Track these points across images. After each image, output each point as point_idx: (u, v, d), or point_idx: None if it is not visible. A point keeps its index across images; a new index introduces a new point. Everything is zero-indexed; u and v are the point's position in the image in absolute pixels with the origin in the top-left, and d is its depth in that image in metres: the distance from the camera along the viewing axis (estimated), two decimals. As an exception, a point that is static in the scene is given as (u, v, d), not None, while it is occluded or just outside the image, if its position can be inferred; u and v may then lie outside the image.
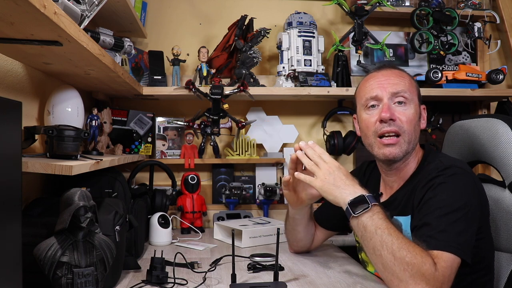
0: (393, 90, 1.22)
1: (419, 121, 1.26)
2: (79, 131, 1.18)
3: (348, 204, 1.09)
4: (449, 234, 1.03)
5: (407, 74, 1.30)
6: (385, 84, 1.24)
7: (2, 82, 1.20)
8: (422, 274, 0.97)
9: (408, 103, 1.23)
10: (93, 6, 1.19)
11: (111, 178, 1.54)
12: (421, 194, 1.14)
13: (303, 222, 1.43)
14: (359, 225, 1.08)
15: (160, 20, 2.24)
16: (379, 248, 1.02)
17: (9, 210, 0.84)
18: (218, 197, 2.19)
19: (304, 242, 1.51)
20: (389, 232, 1.03)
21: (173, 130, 2.15)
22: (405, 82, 1.25)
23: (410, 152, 1.23)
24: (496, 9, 2.32)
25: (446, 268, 0.99)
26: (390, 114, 1.20)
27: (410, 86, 1.25)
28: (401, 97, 1.22)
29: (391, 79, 1.25)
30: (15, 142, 0.86)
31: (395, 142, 1.21)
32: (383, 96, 1.23)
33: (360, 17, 2.12)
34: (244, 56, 2.04)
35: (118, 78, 1.50)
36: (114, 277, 1.22)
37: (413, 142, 1.23)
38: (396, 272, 0.99)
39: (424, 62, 2.35)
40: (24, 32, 0.95)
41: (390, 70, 1.28)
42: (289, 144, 2.25)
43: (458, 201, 1.07)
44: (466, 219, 1.06)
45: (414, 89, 1.26)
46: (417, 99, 1.26)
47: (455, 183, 1.11)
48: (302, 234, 1.48)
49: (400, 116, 1.21)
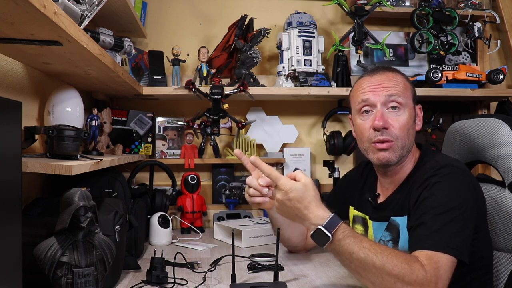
0: (387, 95, 1.21)
1: (414, 124, 1.24)
2: (79, 131, 1.19)
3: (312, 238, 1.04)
4: (444, 234, 1.03)
5: (402, 75, 1.27)
6: (378, 89, 1.22)
7: (2, 82, 1.20)
8: (414, 280, 0.96)
9: (402, 108, 1.21)
10: (93, 6, 1.19)
11: (111, 178, 1.54)
12: (417, 194, 1.14)
13: (282, 220, 1.39)
14: (333, 253, 1.05)
15: (160, 20, 2.24)
16: (363, 269, 1.00)
17: (9, 210, 0.84)
18: (218, 197, 2.19)
19: (294, 241, 1.49)
20: (364, 252, 0.99)
21: (173, 130, 2.15)
22: (399, 86, 1.22)
23: (405, 156, 1.23)
24: (496, 9, 2.32)
25: (437, 268, 0.98)
26: (383, 122, 1.19)
27: (404, 89, 1.23)
28: (395, 102, 1.20)
29: (385, 83, 1.23)
30: (15, 142, 0.86)
31: (388, 147, 1.20)
32: (376, 102, 1.21)
33: (360, 17, 2.12)
34: (244, 56, 2.04)
35: (118, 78, 1.50)
36: (114, 277, 1.22)
37: (407, 146, 1.22)
38: (388, 287, 0.98)
39: (424, 62, 2.35)
40: (24, 32, 0.95)
41: (384, 73, 1.26)
42: (289, 144, 2.25)
43: (454, 201, 1.07)
44: (462, 218, 1.05)
45: (409, 92, 1.24)
46: (411, 102, 1.24)
47: (450, 182, 1.11)
48: (289, 233, 1.46)
49: (393, 123, 1.20)
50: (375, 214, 1.29)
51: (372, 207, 1.31)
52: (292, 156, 2.22)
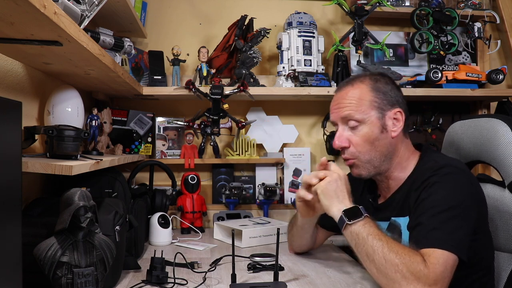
0: (342, 116, 1.24)
1: (382, 133, 1.21)
2: (79, 131, 1.19)
3: (343, 212, 1.12)
4: (441, 231, 1.03)
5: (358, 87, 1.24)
6: (336, 109, 1.26)
7: (2, 82, 1.20)
8: (413, 273, 0.97)
9: (360, 124, 1.21)
10: (93, 6, 1.19)
11: (111, 178, 1.54)
12: (417, 194, 1.14)
13: (310, 230, 1.45)
14: (352, 233, 1.09)
15: (160, 20, 2.24)
16: (371, 253, 1.04)
17: (9, 210, 0.84)
18: (218, 197, 2.19)
19: (308, 245, 1.53)
20: (380, 238, 1.05)
21: (173, 130, 2.15)
22: (352, 103, 1.22)
23: (381, 165, 1.23)
24: (496, 9, 2.32)
25: (438, 265, 0.99)
26: (340, 142, 1.23)
27: (359, 104, 1.21)
28: (351, 120, 1.22)
29: (341, 103, 1.25)
30: (15, 142, 0.86)
31: (351, 164, 1.26)
32: (337, 121, 1.26)
33: (360, 17, 2.12)
34: (244, 56, 2.04)
35: (118, 78, 1.50)
36: (114, 277, 1.22)
37: (377, 157, 1.22)
38: (389, 275, 1.00)
39: (424, 62, 2.35)
40: (24, 32, 0.95)
41: (343, 89, 1.27)
42: (289, 144, 2.25)
43: (452, 200, 1.07)
44: (460, 217, 1.06)
45: (366, 104, 1.21)
46: (375, 113, 1.21)
47: (449, 182, 1.11)
48: (308, 240, 1.50)
49: (352, 141, 1.22)
50: (376, 214, 1.29)
51: (373, 207, 1.32)
52: (292, 156, 2.22)
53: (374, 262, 1.03)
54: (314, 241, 1.52)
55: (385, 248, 1.02)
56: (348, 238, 1.12)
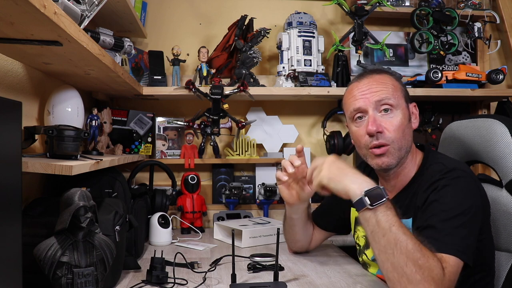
0: (377, 99, 1.20)
1: (409, 123, 1.23)
2: (79, 131, 1.19)
3: (365, 194, 1.03)
4: (455, 238, 1.03)
5: (390, 76, 1.26)
6: (367, 94, 1.21)
7: (2, 82, 1.20)
8: (432, 278, 0.96)
9: (394, 109, 1.20)
10: (93, 6, 1.19)
11: (111, 178, 1.54)
12: (425, 196, 1.13)
13: (300, 222, 1.43)
14: (371, 219, 1.02)
15: (160, 20, 2.24)
16: (392, 247, 0.99)
17: (9, 210, 0.84)
18: (218, 197, 2.19)
19: (302, 243, 1.51)
20: (404, 231, 0.99)
21: (173, 130, 2.15)
22: (388, 88, 1.21)
23: (404, 157, 1.22)
24: (496, 9, 2.32)
25: (453, 272, 1.00)
26: (376, 127, 1.18)
27: (394, 90, 1.22)
28: (386, 104, 1.20)
29: (373, 87, 1.21)
30: (15, 142, 0.86)
31: (385, 151, 1.19)
32: (367, 107, 1.21)
33: (360, 17, 2.12)
34: (244, 56, 2.04)
35: (118, 78, 1.50)
36: (114, 277, 1.22)
37: (405, 147, 1.21)
38: (407, 274, 0.96)
39: (424, 62, 2.35)
40: (24, 32, 0.95)
41: (371, 76, 1.25)
42: (289, 144, 2.25)
43: (462, 205, 1.07)
44: (469, 223, 1.06)
45: (399, 92, 1.23)
46: (404, 102, 1.23)
47: (459, 186, 1.11)
48: (300, 235, 1.48)
49: (387, 126, 1.19)
50: None
51: None
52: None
53: (393, 256, 0.98)
54: (308, 239, 1.51)
55: (409, 245, 0.97)
56: (364, 223, 1.05)
